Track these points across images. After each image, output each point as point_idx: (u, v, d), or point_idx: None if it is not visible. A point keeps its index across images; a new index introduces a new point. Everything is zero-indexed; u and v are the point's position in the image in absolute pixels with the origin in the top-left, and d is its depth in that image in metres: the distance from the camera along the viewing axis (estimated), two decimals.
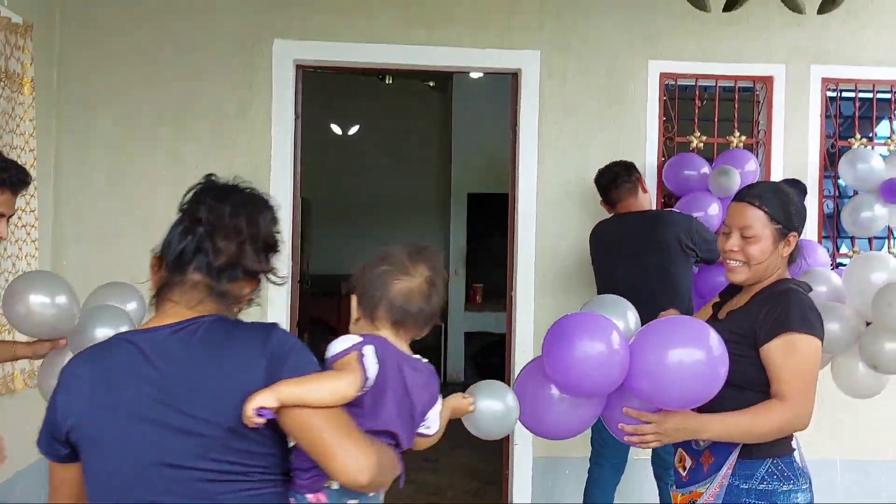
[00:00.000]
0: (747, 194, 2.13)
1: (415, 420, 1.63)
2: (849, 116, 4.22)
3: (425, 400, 1.64)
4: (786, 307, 2.01)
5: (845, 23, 4.06)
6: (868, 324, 3.10)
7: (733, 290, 2.27)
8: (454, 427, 5.22)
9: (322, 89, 7.33)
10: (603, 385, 2.00)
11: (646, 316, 3.39)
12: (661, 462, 3.54)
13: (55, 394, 1.42)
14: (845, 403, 3.83)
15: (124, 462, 1.38)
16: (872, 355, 2.99)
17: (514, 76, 4.02)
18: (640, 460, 3.71)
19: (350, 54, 3.92)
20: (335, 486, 1.49)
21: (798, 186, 2.15)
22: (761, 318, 2.03)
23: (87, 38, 3.82)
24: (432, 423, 1.71)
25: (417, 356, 1.66)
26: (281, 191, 3.88)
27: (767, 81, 4.07)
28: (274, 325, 1.47)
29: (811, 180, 4.06)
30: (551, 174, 4.00)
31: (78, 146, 3.80)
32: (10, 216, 2.20)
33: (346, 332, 1.62)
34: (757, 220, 2.08)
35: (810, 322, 2.02)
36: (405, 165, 8.83)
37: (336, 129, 8.92)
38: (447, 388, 6.33)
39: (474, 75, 6.02)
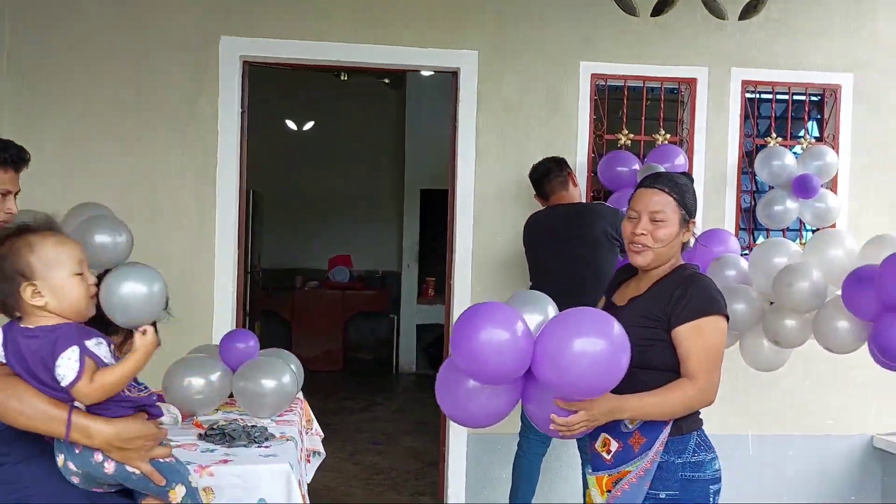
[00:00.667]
0: (656, 182, 2.25)
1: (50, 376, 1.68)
2: (767, 117, 4.50)
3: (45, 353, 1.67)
4: (695, 291, 2.15)
5: (764, 29, 4.34)
6: (771, 303, 3.39)
7: (623, 277, 2.41)
8: (404, 415, 5.58)
9: (277, 85, 7.46)
10: (505, 371, 2.06)
11: (573, 302, 3.65)
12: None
13: None
14: (754, 382, 4.16)
15: None
16: (775, 332, 3.28)
17: (454, 75, 4.22)
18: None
19: (297, 51, 4.08)
20: None
21: (689, 178, 2.37)
22: (672, 303, 2.15)
23: (38, 32, 3.92)
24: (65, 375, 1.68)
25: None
26: (227, 184, 4.05)
27: (691, 83, 4.33)
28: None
29: (730, 176, 4.35)
30: (489, 170, 4.21)
31: (31, 139, 3.89)
32: (17, 193, 2.29)
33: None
34: (667, 205, 2.20)
35: (718, 303, 2.17)
36: (359, 161, 8.98)
37: (291, 124, 9.04)
38: (400, 379, 6.54)
39: (426, 73, 6.20)
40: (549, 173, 3.87)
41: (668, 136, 4.32)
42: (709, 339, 2.13)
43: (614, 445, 2.19)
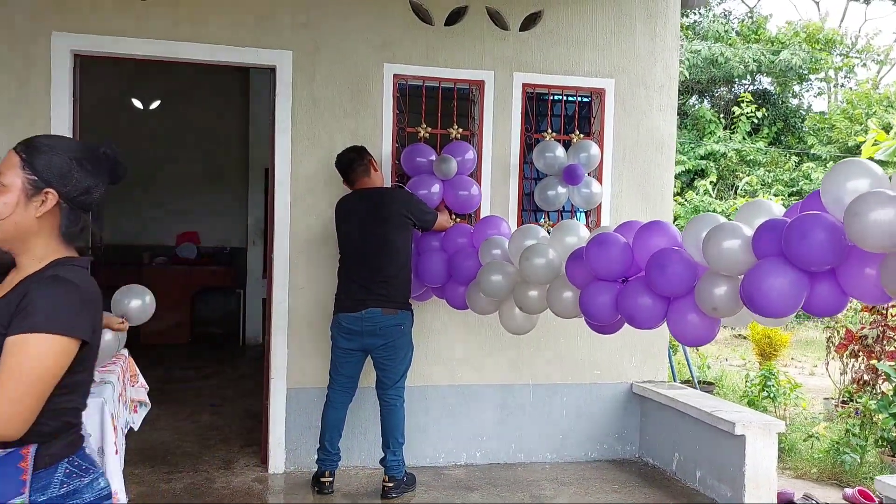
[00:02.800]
0: (20, 143, 1.82)
1: None
2: (545, 115, 5.28)
3: None
4: (37, 299, 1.69)
5: (541, 39, 5.10)
6: None
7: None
8: (245, 380, 6.37)
9: (125, 65, 7.68)
10: None
11: (368, 270, 4.33)
12: (381, 384, 4.46)
13: None
14: (534, 340, 4.91)
15: None
16: (520, 301, 4.01)
17: (272, 71, 4.75)
18: (367, 388, 4.60)
19: (124, 47, 4.49)
20: None
21: (98, 151, 1.88)
22: (16, 309, 1.70)
23: None
24: None
25: None
26: None
27: (479, 85, 5.04)
28: None
29: (513, 166, 5.10)
30: (303, 156, 4.78)
31: None
32: None
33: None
34: (11, 167, 1.78)
35: (59, 322, 1.69)
36: (206, 140, 9.29)
37: (137, 103, 9.23)
38: (247, 350, 7.12)
39: None
40: (352, 163, 4.47)
41: (461, 130, 5.02)
42: (26, 361, 1.65)
43: None
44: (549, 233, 4.09)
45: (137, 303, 3.32)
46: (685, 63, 16.05)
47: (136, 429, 3.87)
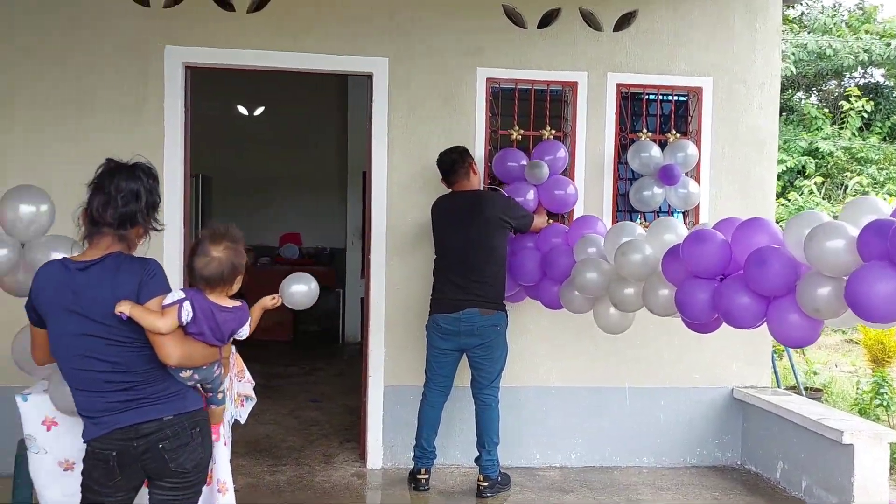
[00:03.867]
0: None
1: (226, 336, 2.58)
2: (640, 114, 5.22)
3: (234, 326, 2.60)
4: None
5: (635, 39, 5.05)
6: None
7: None
8: (344, 378, 6.53)
9: (231, 73, 8.03)
10: None
11: (465, 271, 4.40)
12: (477, 384, 4.51)
13: (31, 285, 2.46)
14: (631, 341, 4.87)
15: (63, 332, 2.40)
16: (616, 298, 3.99)
17: (369, 78, 4.89)
18: (462, 388, 4.67)
19: (230, 58, 4.72)
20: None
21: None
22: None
23: (3, 40, 4.52)
24: (243, 334, 2.66)
25: (229, 303, 2.59)
26: (173, 171, 4.67)
27: (573, 86, 5.03)
28: (148, 259, 2.45)
29: (607, 166, 5.07)
30: (399, 160, 4.90)
31: (2, 127, 4.51)
32: None
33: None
34: None
35: None
36: (307, 145, 9.61)
37: (242, 110, 9.61)
38: (346, 348, 7.34)
39: None
40: (454, 164, 4.54)
41: (553, 131, 5.02)
42: None
43: None
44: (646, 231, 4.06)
45: (302, 288, 3.29)
46: (790, 58, 15.44)
47: (242, 422, 4.03)
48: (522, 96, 5.02)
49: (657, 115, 5.18)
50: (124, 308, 2.32)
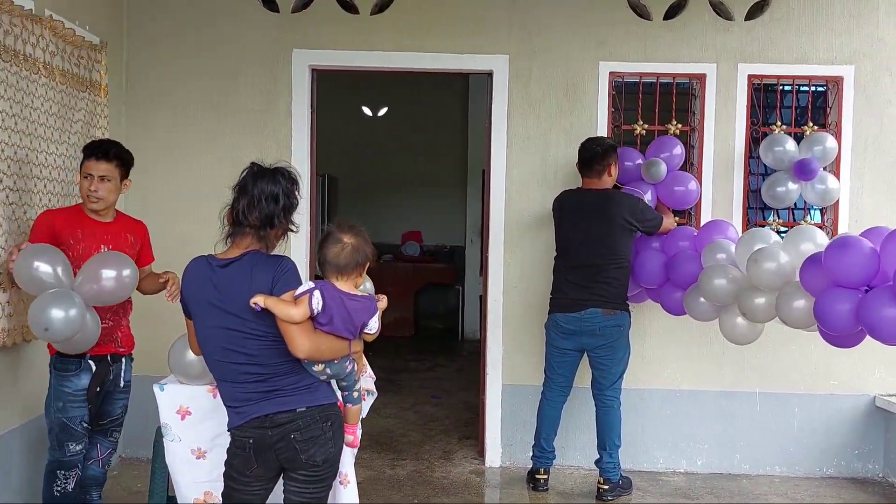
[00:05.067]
0: None
1: (357, 328, 2.64)
2: (773, 106, 4.96)
3: (365, 317, 2.66)
4: None
5: (768, 27, 4.81)
6: None
7: None
8: (463, 374, 6.65)
9: (356, 74, 8.24)
10: None
11: (588, 270, 4.31)
12: (598, 384, 4.43)
13: (181, 281, 2.63)
14: (763, 345, 4.67)
15: (206, 324, 2.54)
16: (746, 307, 3.80)
17: (489, 76, 4.88)
18: (581, 388, 4.59)
19: (354, 60, 4.83)
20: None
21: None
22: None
23: (146, 51, 4.80)
24: (372, 328, 2.71)
25: (357, 293, 2.68)
26: (300, 172, 4.81)
27: (700, 78, 4.84)
28: (283, 257, 2.57)
29: (737, 161, 4.85)
30: (518, 157, 4.87)
31: (141, 135, 4.77)
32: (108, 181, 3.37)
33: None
34: None
35: None
36: (428, 144, 9.73)
37: (367, 111, 9.84)
38: (465, 344, 7.43)
39: None
40: (595, 157, 4.36)
41: (679, 125, 4.85)
42: None
43: None
44: (779, 233, 3.86)
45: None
46: None
47: (363, 416, 4.14)
48: (647, 90, 4.88)
49: (792, 107, 4.92)
50: (258, 300, 2.43)
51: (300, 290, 2.51)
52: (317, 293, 2.50)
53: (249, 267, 2.50)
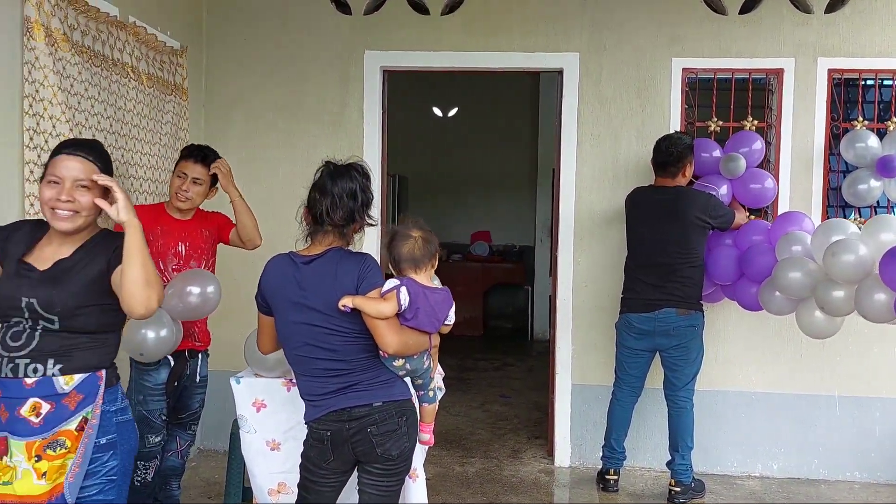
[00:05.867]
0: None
1: (440, 320, 2.71)
2: (855, 101, 4.80)
3: (445, 309, 2.72)
4: None
5: (849, 20, 4.65)
6: None
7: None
8: (533, 374, 6.67)
9: (426, 76, 8.33)
10: None
11: (661, 269, 4.25)
12: (671, 385, 4.36)
13: (261, 278, 2.65)
14: (845, 348, 4.53)
15: (289, 320, 2.58)
16: (823, 300, 3.72)
17: (559, 74, 4.86)
18: (653, 389, 4.53)
19: (425, 60, 4.87)
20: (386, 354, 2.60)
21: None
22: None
23: (224, 54, 4.94)
24: (451, 319, 2.78)
25: (436, 285, 2.75)
26: (371, 171, 4.89)
27: (778, 73, 4.72)
28: (365, 255, 2.63)
29: (816, 158, 4.71)
30: (588, 156, 4.83)
31: (220, 135, 4.89)
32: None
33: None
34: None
35: None
36: (498, 143, 9.73)
37: (437, 111, 9.90)
38: (535, 344, 7.41)
39: None
40: (665, 162, 4.29)
41: (755, 121, 4.74)
42: None
43: (45, 408, 2.23)
44: (860, 229, 3.74)
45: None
46: None
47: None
48: (721, 86, 4.78)
49: (875, 102, 4.75)
50: (347, 301, 2.48)
51: (387, 286, 2.56)
52: (403, 289, 2.57)
53: (334, 264, 2.55)
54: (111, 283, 2.29)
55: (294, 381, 2.77)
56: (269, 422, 3.10)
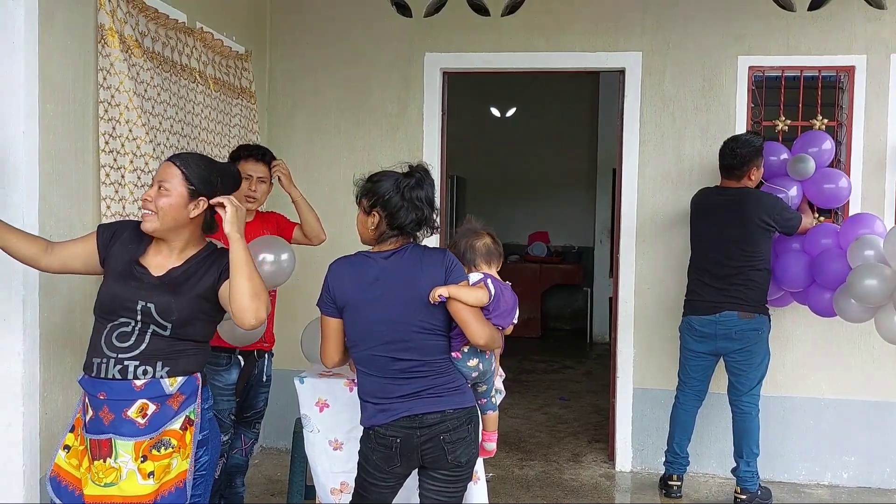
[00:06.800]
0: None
1: (515, 312, 2.79)
2: None
3: (517, 305, 2.82)
4: None
5: None
6: None
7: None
8: (592, 377, 6.62)
9: (485, 75, 8.32)
10: None
11: (724, 272, 4.16)
12: (735, 390, 4.27)
13: (327, 280, 2.60)
14: None
15: (367, 319, 2.55)
16: None
17: (621, 73, 4.81)
18: (717, 394, 4.44)
19: (485, 62, 4.87)
20: (466, 349, 2.62)
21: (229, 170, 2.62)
22: None
23: (287, 57, 5.02)
24: (516, 318, 2.84)
25: (507, 283, 2.83)
26: (431, 171, 4.91)
27: (849, 70, 4.58)
28: (444, 250, 2.66)
29: (890, 159, 4.56)
30: (651, 156, 4.77)
31: (283, 138, 4.98)
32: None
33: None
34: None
35: None
36: (556, 144, 9.67)
37: (495, 112, 9.89)
38: (594, 347, 7.36)
39: None
40: (732, 166, 4.20)
41: (825, 120, 4.60)
42: None
43: (151, 408, 2.29)
44: None
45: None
46: None
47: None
48: (789, 84, 4.66)
49: None
50: (442, 291, 2.48)
51: (475, 278, 2.63)
52: (489, 280, 2.64)
53: (417, 257, 2.55)
54: (219, 297, 2.38)
55: (356, 381, 2.77)
56: (331, 422, 3.13)
